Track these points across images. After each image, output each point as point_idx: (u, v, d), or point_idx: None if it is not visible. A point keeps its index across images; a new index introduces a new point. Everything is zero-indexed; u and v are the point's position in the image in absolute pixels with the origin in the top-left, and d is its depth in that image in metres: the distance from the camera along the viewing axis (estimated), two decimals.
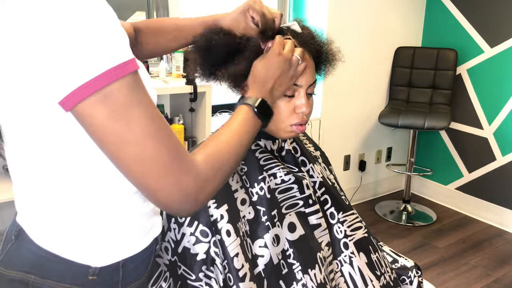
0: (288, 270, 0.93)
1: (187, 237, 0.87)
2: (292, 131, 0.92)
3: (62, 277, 0.66)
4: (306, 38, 0.93)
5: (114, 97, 0.53)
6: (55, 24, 0.51)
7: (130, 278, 0.72)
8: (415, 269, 1.18)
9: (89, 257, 0.67)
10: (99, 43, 0.52)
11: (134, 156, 0.55)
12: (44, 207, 0.65)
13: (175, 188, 0.58)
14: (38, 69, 0.52)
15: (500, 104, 2.84)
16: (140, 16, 2.52)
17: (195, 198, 0.61)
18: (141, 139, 0.55)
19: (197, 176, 0.61)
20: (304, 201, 0.99)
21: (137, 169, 0.56)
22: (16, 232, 0.68)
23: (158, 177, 0.57)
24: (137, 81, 0.56)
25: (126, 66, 0.54)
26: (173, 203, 0.59)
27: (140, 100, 0.56)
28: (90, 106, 0.52)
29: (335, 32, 2.69)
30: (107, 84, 0.52)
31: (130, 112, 0.54)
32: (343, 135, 3.01)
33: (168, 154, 0.57)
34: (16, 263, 0.67)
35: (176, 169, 0.58)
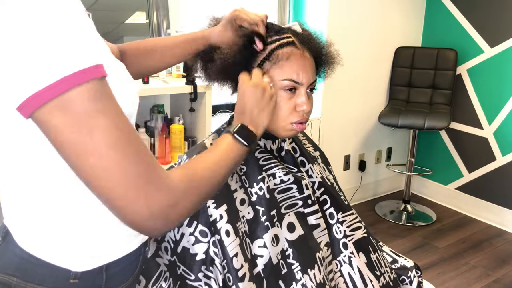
0: (288, 270, 0.93)
1: (186, 237, 0.87)
2: (293, 129, 0.93)
3: (44, 281, 0.65)
4: (306, 37, 0.95)
5: (74, 105, 0.50)
6: (15, 26, 0.49)
7: (115, 281, 0.71)
8: (415, 269, 1.18)
9: (69, 261, 0.66)
10: (59, 48, 0.50)
11: (95, 168, 0.52)
12: (26, 210, 0.65)
13: (143, 204, 0.54)
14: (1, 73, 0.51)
15: (500, 104, 2.84)
16: (140, 16, 2.52)
17: (166, 215, 0.57)
18: (103, 150, 0.52)
19: (170, 192, 0.57)
20: (303, 201, 1.00)
21: (99, 182, 0.53)
22: (4, 233, 0.68)
23: (122, 192, 0.53)
24: (102, 89, 0.53)
25: (89, 72, 0.51)
26: (140, 220, 0.55)
27: (105, 109, 0.52)
28: (48, 113, 0.50)
29: (335, 32, 2.69)
30: (65, 90, 0.49)
31: (91, 121, 0.51)
32: (343, 135, 3.01)
33: (135, 167, 0.54)
34: (1, 265, 0.66)
35: (144, 184, 0.54)
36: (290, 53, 0.90)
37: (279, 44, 0.90)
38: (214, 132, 1.03)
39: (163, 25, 2.50)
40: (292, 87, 0.90)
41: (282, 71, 0.90)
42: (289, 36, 0.92)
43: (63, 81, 0.49)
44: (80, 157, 0.52)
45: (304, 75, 0.90)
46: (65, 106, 0.50)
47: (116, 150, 0.52)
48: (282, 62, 0.89)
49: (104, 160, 0.52)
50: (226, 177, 0.71)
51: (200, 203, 0.64)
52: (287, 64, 0.89)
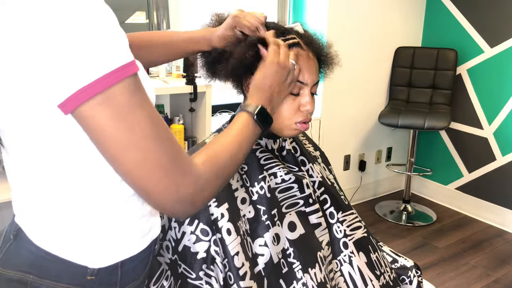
0: (288, 269, 0.93)
1: (188, 236, 0.87)
2: (296, 128, 0.94)
3: (60, 277, 0.66)
4: (309, 38, 0.95)
5: (116, 100, 0.53)
6: (55, 26, 0.50)
7: (128, 278, 0.72)
8: (415, 269, 1.18)
9: (87, 258, 0.67)
10: (100, 45, 0.52)
11: (134, 159, 0.55)
12: (42, 208, 0.65)
13: (174, 191, 0.58)
14: (38, 71, 0.52)
15: (500, 104, 2.84)
16: (140, 16, 2.52)
17: (192, 201, 0.61)
18: (142, 142, 0.55)
19: (196, 179, 0.61)
20: (304, 201, 1.00)
21: (137, 172, 0.56)
22: (15, 232, 0.68)
23: (157, 180, 0.57)
24: (137, 84, 0.56)
25: (127, 68, 0.54)
26: (170, 206, 0.59)
27: (141, 103, 0.56)
28: (92, 108, 0.52)
29: (335, 32, 2.69)
30: (109, 86, 0.52)
31: (131, 114, 0.54)
32: (343, 135, 3.01)
33: (168, 156, 0.57)
34: (15, 263, 0.67)
35: (175, 171, 0.58)
36: (296, 55, 0.90)
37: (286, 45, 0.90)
38: (215, 131, 1.03)
39: (163, 25, 2.50)
40: (297, 92, 0.91)
41: None
42: (294, 37, 0.92)
43: (105, 77, 0.52)
44: (122, 149, 0.54)
45: (309, 75, 0.91)
46: (108, 102, 0.52)
47: (153, 141, 0.56)
48: None
49: (144, 151, 0.55)
50: (244, 158, 0.73)
51: (222, 186, 0.68)
52: None
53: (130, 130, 0.54)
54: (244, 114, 0.77)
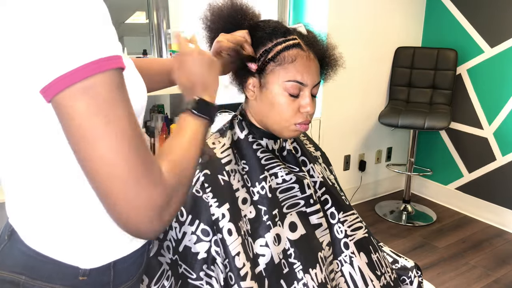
0: (289, 269, 0.93)
1: (188, 236, 0.87)
2: (296, 130, 0.94)
3: (52, 278, 0.65)
4: (311, 39, 0.96)
5: (96, 91, 0.51)
6: (41, 12, 0.50)
7: (122, 278, 0.72)
8: (415, 269, 1.18)
9: (78, 258, 0.66)
10: (84, 35, 0.51)
11: (104, 157, 0.52)
12: (32, 208, 0.65)
13: (144, 201, 0.54)
14: (23, 58, 0.52)
15: (500, 104, 2.84)
16: (140, 16, 2.52)
17: (161, 215, 0.56)
18: (116, 140, 0.52)
19: (166, 189, 0.56)
20: (305, 201, 1.00)
21: (106, 173, 0.52)
22: (9, 232, 0.68)
23: (126, 186, 0.52)
24: (121, 81, 0.54)
25: (111, 61, 0.53)
26: (136, 219, 0.54)
27: (122, 101, 0.54)
28: (71, 96, 0.50)
29: (335, 32, 2.68)
30: (89, 75, 0.51)
31: (110, 110, 0.52)
32: (343, 135, 3.01)
33: (141, 163, 0.54)
34: (8, 264, 0.66)
35: (147, 180, 0.54)
36: (296, 55, 0.91)
37: (285, 46, 0.91)
38: (216, 131, 1.03)
39: (163, 25, 2.50)
40: (297, 93, 0.91)
41: (287, 72, 0.90)
42: (295, 38, 0.92)
43: (87, 66, 0.51)
44: (92, 144, 0.51)
45: (309, 76, 0.91)
46: (88, 91, 0.51)
47: (127, 143, 0.53)
48: (287, 64, 0.90)
49: (114, 151, 0.52)
50: (199, 157, 0.69)
51: (185, 195, 0.64)
52: (292, 66, 0.90)
53: (106, 124, 0.51)
54: (184, 115, 0.72)
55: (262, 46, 0.93)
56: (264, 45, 0.93)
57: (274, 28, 0.93)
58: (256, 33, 0.94)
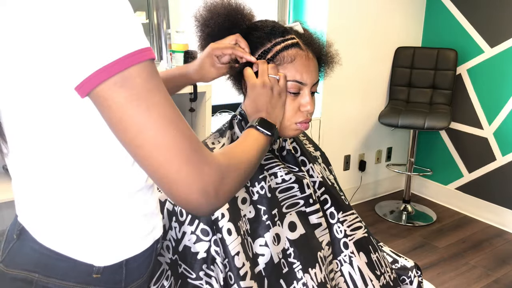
0: (289, 269, 0.93)
1: (188, 236, 0.87)
2: (297, 129, 0.94)
3: (66, 276, 0.66)
4: (309, 38, 0.96)
5: (134, 81, 0.53)
6: (72, 9, 0.51)
7: (133, 276, 0.73)
8: (415, 269, 1.18)
9: (92, 256, 0.67)
10: (118, 28, 0.53)
11: (154, 142, 0.54)
12: (46, 206, 0.65)
13: (196, 179, 0.56)
14: (54, 55, 0.52)
15: (500, 104, 2.84)
16: (140, 16, 2.52)
17: (216, 191, 0.58)
18: (161, 125, 0.54)
19: (218, 167, 0.59)
20: (305, 201, 1.00)
21: (157, 157, 0.54)
22: (18, 231, 0.68)
23: (178, 166, 0.55)
24: (154, 69, 0.56)
25: (144, 52, 0.54)
26: (193, 196, 0.56)
27: (159, 87, 0.55)
28: (110, 88, 0.52)
29: (335, 32, 2.69)
30: (126, 67, 0.52)
31: (150, 97, 0.54)
32: (343, 135, 3.01)
33: (188, 143, 0.56)
34: (19, 262, 0.66)
35: (196, 158, 0.56)
36: (295, 55, 0.90)
37: (284, 45, 0.91)
38: (215, 131, 1.03)
39: (163, 25, 2.50)
40: (296, 91, 0.91)
41: (286, 72, 0.90)
42: (293, 37, 0.92)
43: (124, 58, 0.52)
44: (139, 132, 0.53)
45: (308, 75, 0.91)
46: (127, 82, 0.52)
47: (172, 125, 0.55)
48: (286, 64, 0.90)
49: (162, 134, 0.54)
50: (258, 161, 0.74)
51: (242, 183, 0.67)
52: (291, 66, 0.90)
53: (148, 111, 0.53)
54: (248, 129, 0.80)
55: (261, 46, 0.92)
56: (263, 45, 0.92)
57: (272, 28, 0.93)
58: (254, 33, 0.94)
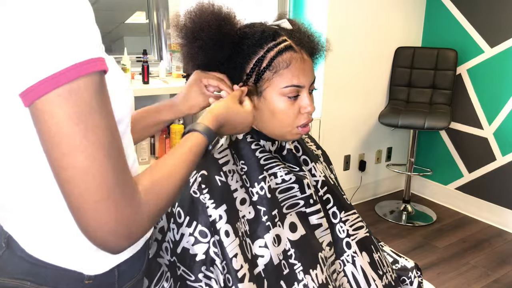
0: (289, 270, 0.92)
1: (186, 238, 0.87)
2: (298, 133, 0.94)
3: (58, 283, 0.65)
4: (299, 35, 0.94)
5: (80, 95, 0.49)
6: (22, 14, 0.48)
7: (126, 277, 0.72)
8: (415, 269, 1.18)
9: (82, 265, 0.66)
10: (68, 36, 0.49)
11: (81, 168, 0.50)
12: (31, 217, 0.63)
13: (112, 217, 0.52)
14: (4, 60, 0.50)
15: (500, 104, 2.84)
16: (140, 16, 2.52)
17: (129, 233, 0.54)
18: (92, 150, 0.50)
19: (138, 207, 0.54)
20: (305, 201, 0.99)
21: (79, 184, 0.50)
22: (6, 239, 0.66)
23: (97, 199, 0.50)
24: (104, 85, 0.52)
25: (95, 63, 0.50)
26: (102, 234, 0.52)
27: (104, 107, 0.51)
28: (51, 102, 0.48)
29: (335, 32, 2.69)
30: (73, 78, 0.48)
31: (91, 117, 0.50)
32: (343, 135, 3.01)
33: (116, 175, 0.52)
34: (9, 271, 0.65)
35: (119, 195, 0.52)
36: (290, 59, 0.89)
37: (278, 51, 0.89)
38: None
39: (163, 25, 2.50)
40: (295, 95, 0.91)
41: (283, 78, 0.90)
42: (285, 39, 0.91)
43: (72, 68, 0.48)
44: (68, 153, 0.49)
45: (305, 77, 0.91)
46: (72, 96, 0.49)
47: (104, 154, 0.51)
48: (282, 70, 0.89)
49: (91, 161, 0.50)
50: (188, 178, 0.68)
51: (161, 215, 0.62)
52: (287, 71, 0.89)
53: (84, 133, 0.49)
54: (198, 135, 0.72)
55: (254, 55, 0.90)
56: (256, 53, 0.90)
57: (262, 33, 0.90)
58: (245, 41, 0.91)
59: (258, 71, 0.90)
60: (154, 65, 2.40)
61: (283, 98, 0.90)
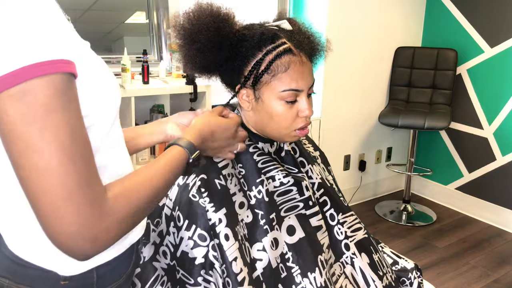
0: (287, 273, 0.92)
1: (185, 241, 0.86)
2: (296, 135, 0.93)
3: (34, 283, 0.65)
4: (299, 37, 0.93)
5: (34, 96, 0.48)
6: None
7: (106, 280, 0.70)
8: (415, 270, 1.18)
9: (57, 265, 0.65)
10: (26, 36, 0.48)
11: (38, 166, 0.49)
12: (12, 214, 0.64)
13: (74, 220, 0.50)
14: None
15: (500, 104, 2.84)
16: (140, 16, 2.52)
17: (94, 239, 0.52)
18: (50, 150, 0.49)
19: (104, 212, 0.53)
20: (304, 203, 0.99)
21: (37, 183, 0.49)
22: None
23: (57, 200, 0.49)
24: (67, 86, 0.51)
25: (56, 65, 0.49)
26: (64, 238, 0.51)
27: (65, 108, 0.50)
28: (5, 101, 0.47)
29: (335, 32, 2.69)
30: (27, 79, 0.47)
31: (47, 117, 0.49)
32: (343, 135, 3.01)
33: (76, 177, 0.50)
34: None
35: (80, 198, 0.50)
36: (288, 63, 0.88)
37: (276, 54, 0.88)
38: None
39: (163, 25, 2.50)
40: (293, 100, 0.90)
41: (281, 82, 0.89)
42: (284, 42, 0.89)
43: (27, 69, 0.47)
44: (24, 152, 0.49)
45: (303, 81, 0.90)
46: (25, 96, 0.48)
47: (64, 152, 0.50)
48: (281, 73, 0.88)
49: (47, 160, 0.49)
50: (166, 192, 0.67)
51: (136, 225, 0.60)
52: (286, 75, 0.88)
53: (41, 131, 0.48)
54: (179, 149, 0.71)
55: (253, 57, 0.89)
56: (254, 56, 0.89)
57: (261, 35, 0.89)
58: (243, 44, 0.90)
59: (256, 74, 0.89)
60: (154, 65, 2.40)
61: (281, 102, 0.90)
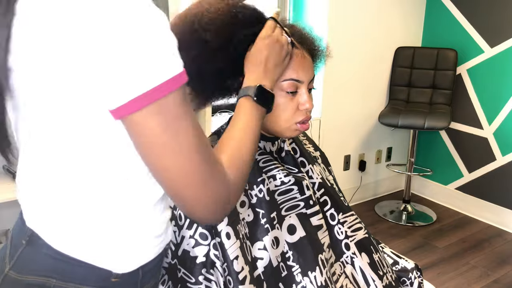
0: (288, 272, 0.93)
1: (187, 240, 0.87)
2: (297, 129, 0.94)
3: (86, 280, 0.66)
4: (302, 36, 0.95)
5: (168, 109, 0.54)
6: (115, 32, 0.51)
7: (147, 278, 0.73)
8: (415, 270, 1.18)
9: (111, 263, 0.67)
10: (157, 54, 0.53)
11: (179, 167, 0.57)
12: (64, 214, 0.65)
13: (211, 200, 0.60)
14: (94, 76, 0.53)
15: (500, 104, 2.84)
16: None
17: (225, 208, 0.63)
18: (187, 151, 0.57)
19: (229, 185, 0.63)
20: (305, 202, 0.99)
21: (180, 180, 0.58)
22: (28, 237, 0.67)
23: (197, 189, 0.59)
24: (185, 92, 0.57)
25: (180, 78, 0.55)
26: (207, 214, 0.62)
27: (187, 112, 0.57)
28: (144, 116, 0.53)
29: (335, 32, 2.69)
30: (163, 95, 0.53)
31: (179, 123, 0.56)
32: (343, 135, 3.01)
33: (207, 166, 0.59)
34: (32, 268, 0.66)
35: (212, 181, 0.60)
36: (290, 54, 0.90)
37: None
38: (213, 133, 1.03)
39: None
40: (294, 90, 0.91)
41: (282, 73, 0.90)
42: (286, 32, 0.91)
43: (163, 85, 0.53)
44: (166, 157, 0.56)
45: (304, 73, 0.91)
46: (161, 110, 0.54)
47: (196, 151, 0.58)
48: None
49: (187, 160, 0.57)
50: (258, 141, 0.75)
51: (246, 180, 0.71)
52: None
53: (176, 137, 0.56)
54: (244, 101, 0.78)
55: None
56: None
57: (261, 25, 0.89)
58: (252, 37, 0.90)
59: None
60: None
61: (281, 93, 0.90)
